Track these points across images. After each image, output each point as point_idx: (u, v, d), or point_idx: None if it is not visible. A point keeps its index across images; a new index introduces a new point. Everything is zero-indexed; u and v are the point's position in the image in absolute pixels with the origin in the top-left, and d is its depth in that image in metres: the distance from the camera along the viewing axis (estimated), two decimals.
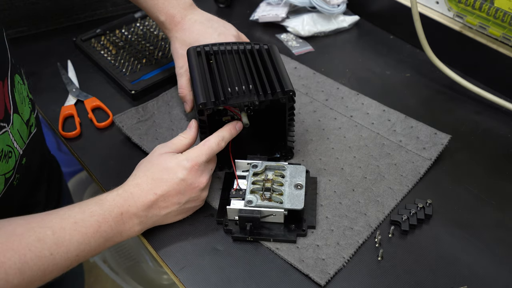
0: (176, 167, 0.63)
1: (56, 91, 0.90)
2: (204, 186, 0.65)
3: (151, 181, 0.62)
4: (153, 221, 0.63)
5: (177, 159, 0.64)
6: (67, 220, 0.55)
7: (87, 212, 0.57)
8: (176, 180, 0.62)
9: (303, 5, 1.02)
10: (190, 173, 0.63)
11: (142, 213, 0.61)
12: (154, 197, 0.62)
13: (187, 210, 0.66)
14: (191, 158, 0.64)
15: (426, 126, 0.79)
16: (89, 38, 0.99)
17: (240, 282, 0.61)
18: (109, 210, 0.58)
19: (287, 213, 0.65)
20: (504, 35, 0.81)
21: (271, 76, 0.68)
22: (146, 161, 0.66)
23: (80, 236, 0.55)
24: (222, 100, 0.66)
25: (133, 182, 0.63)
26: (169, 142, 0.68)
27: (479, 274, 0.62)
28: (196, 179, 0.64)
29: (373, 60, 0.97)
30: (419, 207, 0.68)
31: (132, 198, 0.61)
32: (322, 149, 0.77)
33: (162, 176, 0.63)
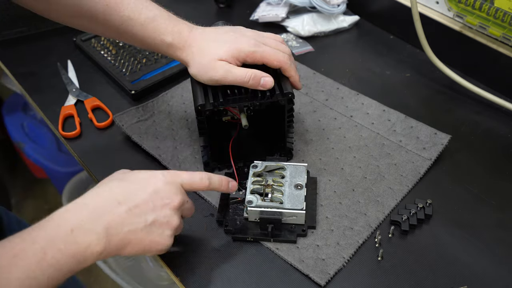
0: (149, 178, 0.56)
1: (56, 91, 0.90)
2: (177, 206, 0.56)
3: (115, 190, 0.53)
4: (115, 243, 0.51)
5: (151, 172, 0.57)
6: (5, 255, 0.45)
7: (28, 240, 0.46)
8: (147, 190, 0.54)
9: (303, 5, 1.02)
10: (165, 186, 0.55)
11: (100, 228, 0.50)
12: (117, 206, 0.52)
13: (151, 240, 0.54)
14: (168, 174, 0.57)
15: (426, 126, 0.79)
16: (89, 38, 0.99)
17: (240, 282, 0.61)
18: (56, 230, 0.48)
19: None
20: (504, 35, 0.81)
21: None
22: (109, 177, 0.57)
23: (21, 270, 0.45)
24: (221, 102, 0.66)
25: (90, 193, 0.53)
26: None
27: (479, 274, 0.62)
28: (170, 195, 0.55)
29: (373, 60, 0.97)
30: (419, 207, 0.68)
31: (86, 209, 0.50)
32: (322, 149, 0.77)
33: (130, 186, 0.54)
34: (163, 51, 0.68)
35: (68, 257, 0.47)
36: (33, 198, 1.85)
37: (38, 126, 1.65)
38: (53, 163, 1.55)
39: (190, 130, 0.80)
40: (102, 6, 0.65)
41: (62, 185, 1.55)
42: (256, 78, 0.64)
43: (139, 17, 0.66)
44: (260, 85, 0.65)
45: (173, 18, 0.68)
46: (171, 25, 0.67)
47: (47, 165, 1.55)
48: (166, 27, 0.67)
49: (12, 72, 0.95)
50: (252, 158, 0.71)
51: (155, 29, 0.66)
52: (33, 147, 1.57)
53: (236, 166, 0.73)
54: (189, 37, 0.67)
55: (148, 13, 0.66)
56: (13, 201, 1.82)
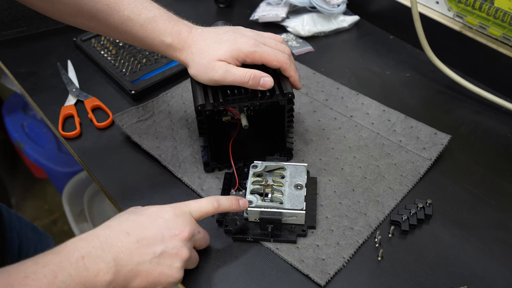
0: (158, 211, 0.56)
1: (56, 91, 0.90)
2: (187, 237, 0.56)
3: (125, 223, 0.54)
4: (124, 273, 0.52)
5: (160, 206, 0.58)
6: (16, 276, 0.46)
7: (40, 263, 0.48)
8: (156, 222, 0.55)
9: (303, 5, 1.02)
10: (173, 217, 0.56)
11: (110, 257, 0.51)
12: (126, 237, 0.53)
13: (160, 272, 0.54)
14: (176, 206, 0.58)
15: (426, 126, 0.79)
16: (89, 38, 0.99)
17: (240, 282, 0.61)
18: (68, 256, 0.49)
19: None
20: (504, 35, 0.81)
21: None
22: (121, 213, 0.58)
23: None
24: (221, 102, 0.66)
25: (103, 225, 0.54)
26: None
27: (479, 274, 0.62)
28: (179, 226, 0.56)
29: (373, 60, 0.97)
30: (419, 207, 0.68)
31: (97, 239, 0.52)
32: (322, 149, 0.77)
33: (139, 218, 0.55)
34: (163, 52, 0.68)
35: (78, 283, 0.48)
36: (33, 198, 1.86)
37: (38, 126, 1.65)
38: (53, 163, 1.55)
39: (190, 130, 0.80)
40: (102, 5, 0.65)
41: (62, 185, 1.55)
42: (255, 78, 0.64)
43: (139, 17, 0.66)
44: (259, 85, 0.65)
45: (172, 18, 0.68)
46: (171, 25, 0.67)
47: (47, 165, 1.55)
48: (166, 28, 0.66)
49: (12, 72, 0.95)
50: (252, 158, 0.71)
51: (155, 29, 0.66)
52: (33, 147, 1.57)
53: (236, 166, 0.73)
54: (188, 38, 0.67)
55: (148, 13, 0.66)
56: (13, 201, 1.82)
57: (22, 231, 0.91)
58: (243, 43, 0.65)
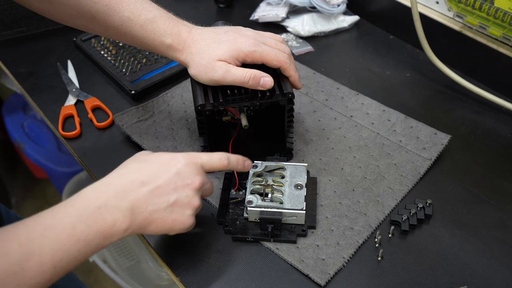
0: (170, 159, 0.57)
1: (56, 91, 0.90)
2: (198, 186, 0.57)
3: (138, 170, 0.55)
4: (139, 221, 0.53)
5: (172, 153, 0.58)
6: (36, 228, 0.48)
7: (58, 215, 0.49)
8: (169, 171, 0.56)
9: (303, 5, 1.02)
10: (186, 167, 0.57)
11: (125, 206, 0.52)
12: (141, 186, 0.54)
13: (173, 219, 0.56)
14: (188, 155, 0.59)
15: (426, 126, 0.79)
16: (89, 38, 0.99)
17: (240, 282, 0.61)
18: (84, 207, 0.50)
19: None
20: (504, 35, 0.81)
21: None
22: (131, 158, 0.59)
23: (53, 243, 0.47)
24: (221, 102, 0.66)
25: (115, 173, 0.55)
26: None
27: (479, 274, 0.62)
28: (190, 176, 0.57)
29: (373, 60, 0.97)
30: (419, 207, 0.68)
31: (112, 188, 0.53)
32: (322, 149, 0.77)
33: (153, 167, 0.56)
34: (163, 52, 0.68)
35: (96, 233, 0.50)
36: (33, 198, 1.85)
37: (38, 126, 1.65)
38: (53, 163, 1.55)
39: (190, 130, 0.80)
40: (102, 6, 0.65)
41: (62, 185, 1.55)
42: (255, 78, 0.64)
43: (139, 18, 0.66)
44: (259, 85, 0.65)
45: (172, 19, 0.68)
46: (170, 26, 0.67)
47: (47, 165, 1.55)
48: (165, 29, 0.67)
49: (12, 72, 0.95)
50: (252, 158, 0.71)
51: (154, 30, 0.66)
52: (33, 147, 1.57)
53: None
54: (188, 38, 0.67)
55: (148, 14, 0.66)
56: (13, 201, 1.82)
57: None
58: (243, 42, 0.65)
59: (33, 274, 0.46)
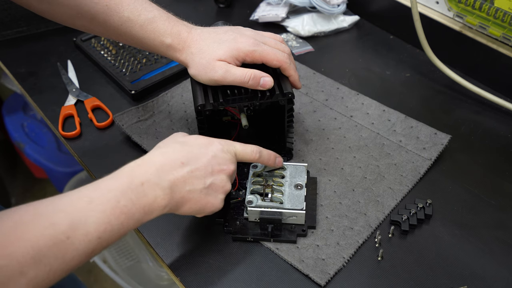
0: (208, 144, 0.60)
1: (56, 91, 0.90)
2: (231, 172, 0.60)
3: (179, 151, 0.57)
4: (177, 199, 0.56)
5: (210, 139, 0.61)
6: (81, 200, 0.49)
7: (102, 188, 0.51)
8: (207, 155, 0.58)
9: (303, 5, 1.02)
10: (222, 152, 0.60)
11: (166, 184, 0.54)
12: (181, 166, 0.56)
13: (206, 201, 0.58)
14: (224, 142, 0.61)
15: (426, 126, 0.79)
16: (89, 38, 0.99)
17: (240, 282, 0.61)
18: (128, 182, 0.52)
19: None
20: (504, 35, 0.81)
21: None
22: (169, 138, 0.61)
23: (98, 215, 0.49)
24: (221, 102, 0.66)
25: (156, 152, 0.58)
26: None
27: (479, 274, 0.62)
28: (226, 162, 0.60)
29: (373, 60, 0.97)
30: (419, 207, 0.68)
31: (154, 166, 0.55)
32: (322, 149, 0.77)
33: (192, 149, 0.58)
34: (163, 52, 0.69)
35: (139, 207, 0.52)
36: (33, 198, 1.85)
37: (38, 126, 1.65)
38: (53, 163, 1.55)
39: (190, 130, 0.80)
40: (102, 7, 0.65)
41: (62, 185, 1.55)
42: (255, 78, 0.64)
43: (138, 18, 0.66)
44: (259, 85, 0.65)
45: (172, 19, 0.68)
46: (170, 26, 0.67)
47: (47, 165, 1.55)
48: (165, 29, 0.67)
49: (12, 72, 0.95)
50: None
51: (154, 30, 0.67)
52: (33, 147, 1.57)
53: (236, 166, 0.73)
54: (188, 38, 0.67)
55: (147, 14, 0.66)
56: (13, 201, 1.82)
57: None
58: (243, 42, 0.65)
59: (79, 243, 0.47)
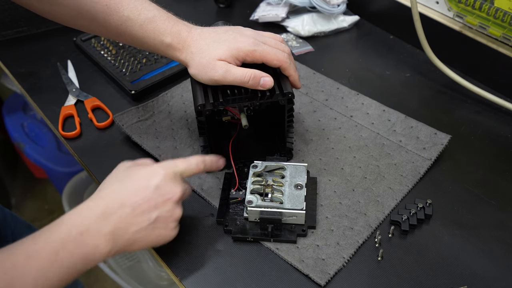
0: (149, 174, 0.57)
1: (56, 91, 0.90)
2: (178, 198, 0.58)
3: (118, 191, 0.55)
4: (122, 243, 0.54)
5: (151, 167, 0.58)
6: (18, 256, 0.48)
7: (40, 242, 0.50)
8: (148, 188, 0.56)
9: (303, 5, 1.02)
10: (165, 179, 0.57)
11: (107, 230, 0.52)
12: (121, 208, 0.54)
13: (157, 235, 0.57)
14: (166, 166, 0.58)
15: (426, 126, 0.79)
16: (89, 38, 0.99)
17: (240, 282, 0.61)
18: (66, 233, 0.50)
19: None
20: (504, 35, 0.81)
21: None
22: (112, 175, 0.59)
23: (35, 271, 0.48)
24: (221, 102, 0.66)
25: (96, 196, 0.55)
26: (135, 160, 0.62)
27: (479, 274, 0.62)
28: (171, 189, 0.57)
29: (373, 60, 0.97)
30: (419, 207, 0.68)
31: (93, 213, 0.53)
32: (322, 149, 0.77)
33: (132, 185, 0.56)
34: (163, 52, 0.68)
35: (78, 259, 0.51)
36: (33, 198, 1.85)
37: (38, 126, 1.65)
38: (53, 163, 1.55)
39: (190, 130, 0.80)
40: (102, 6, 0.65)
41: (62, 185, 1.55)
42: (255, 78, 0.64)
43: (138, 17, 0.66)
44: (259, 85, 0.65)
45: (172, 18, 0.68)
46: (170, 25, 0.67)
47: (47, 165, 1.55)
48: (165, 28, 0.66)
49: (12, 72, 0.95)
50: (252, 158, 0.71)
51: (154, 29, 0.66)
52: (33, 147, 1.57)
53: (236, 166, 0.73)
54: (188, 37, 0.67)
55: (147, 13, 0.66)
56: (13, 201, 1.82)
57: (17, 229, 0.91)
58: (243, 42, 0.65)
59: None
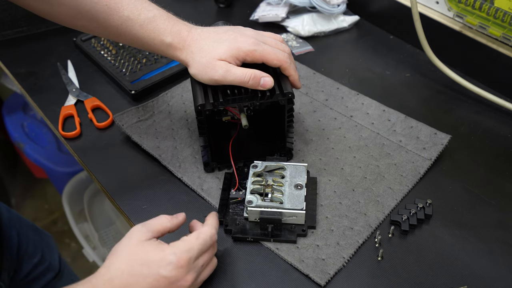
0: (160, 262, 0.54)
1: (56, 91, 0.90)
2: (189, 283, 0.55)
3: (126, 277, 0.53)
4: None
5: (163, 252, 0.55)
6: None
7: None
8: (157, 277, 0.53)
9: (303, 5, 1.02)
10: (175, 270, 0.54)
11: None
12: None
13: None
14: (179, 252, 0.55)
15: (426, 126, 0.79)
16: (89, 38, 0.99)
17: (240, 282, 0.61)
18: None
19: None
20: (504, 35, 0.81)
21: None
22: (124, 248, 0.56)
23: None
24: (221, 102, 0.66)
25: (105, 277, 0.54)
26: (149, 222, 0.58)
27: (479, 274, 0.62)
28: (181, 277, 0.54)
29: (373, 60, 0.97)
30: (419, 207, 0.68)
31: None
32: (322, 149, 0.77)
33: (142, 271, 0.53)
34: (163, 52, 0.68)
35: None
36: (33, 198, 1.85)
37: (38, 126, 1.65)
38: (53, 163, 1.55)
39: (190, 130, 0.80)
40: (101, 6, 0.65)
41: (62, 185, 1.55)
42: (256, 78, 0.64)
43: (138, 17, 0.66)
44: (260, 85, 0.65)
45: (172, 18, 0.68)
46: (170, 25, 0.67)
47: (47, 165, 1.55)
48: (165, 28, 0.66)
49: (12, 72, 0.95)
50: (252, 158, 0.71)
51: (154, 29, 0.66)
52: (33, 147, 1.57)
53: (236, 166, 0.73)
54: (188, 37, 0.67)
55: (147, 13, 0.66)
56: (13, 201, 1.82)
57: (22, 230, 0.91)
58: (243, 42, 0.65)
59: None
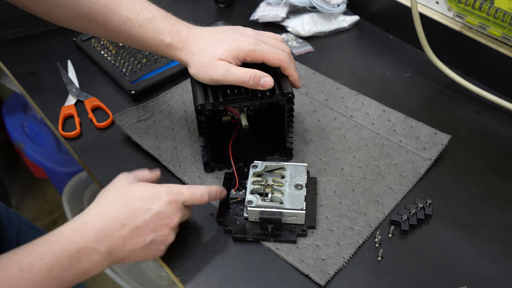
0: (153, 197, 0.57)
1: (56, 91, 0.90)
2: (175, 224, 0.59)
3: (119, 208, 0.55)
4: (115, 259, 0.55)
5: (156, 189, 0.58)
6: (11, 268, 0.48)
7: (35, 255, 0.49)
8: (150, 212, 0.56)
9: (303, 5, 1.02)
10: (166, 206, 0.57)
11: (103, 249, 0.53)
12: (121, 228, 0.54)
13: (147, 255, 0.58)
14: (171, 192, 0.59)
15: (426, 126, 0.79)
16: (89, 38, 0.99)
17: (240, 282, 0.61)
18: (63, 249, 0.50)
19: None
20: (504, 35, 0.81)
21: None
22: (113, 187, 0.59)
23: (28, 284, 0.48)
24: (221, 102, 0.66)
25: (95, 210, 0.55)
26: (134, 171, 0.62)
27: (479, 274, 0.62)
28: (170, 215, 0.58)
29: (373, 60, 0.97)
30: (419, 207, 0.68)
31: (93, 230, 0.53)
32: (322, 149, 0.77)
33: (134, 205, 0.56)
34: (162, 52, 0.68)
35: (72, 274, 0.51)
36: (33, 198, 1.85)
37: (38, 126, 1.65)
38: (53, 163, 1.55)
39: (190, 130, 0.80)
40: (101, 7, 0.65)
41: (62, 185, 1.55)
42: (256, 78, 0.64)
43: (138, 17, 0.66)
44: (260, 85, 0.65)
45: (171, 18, 0.68)
46: (170, 25, 0.67)
47: (47, 165, 1.55)
48: (165, 28, 0.66)
49: (12, 72, 0.95)
50: (252, 158, 0.71)
51: (154, 29, 0.66)
52: (33, 147, 1.57)
53: (236, 166, 0.73)
54: (188, 37, 0.67)
55: (147, 13, 0.66)
56: (13, 201, 1.82)
57: (21, 229, 0.91)
58: (243, 41, 0.65)
59: None
